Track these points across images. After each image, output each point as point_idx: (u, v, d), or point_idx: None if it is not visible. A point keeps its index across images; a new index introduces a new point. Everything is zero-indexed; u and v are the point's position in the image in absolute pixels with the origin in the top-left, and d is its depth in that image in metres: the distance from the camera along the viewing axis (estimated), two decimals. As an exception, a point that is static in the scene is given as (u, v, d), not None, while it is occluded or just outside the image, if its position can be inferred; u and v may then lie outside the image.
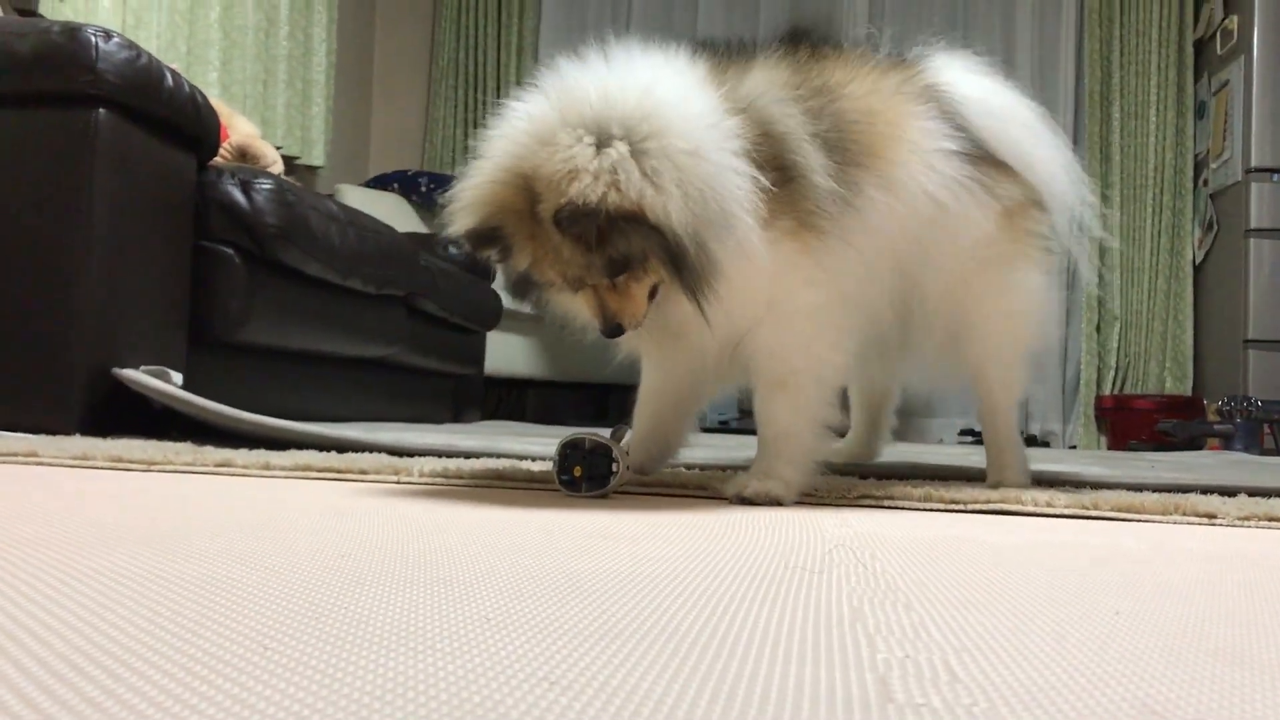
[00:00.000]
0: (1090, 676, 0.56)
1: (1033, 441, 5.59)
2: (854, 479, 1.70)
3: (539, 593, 0.73)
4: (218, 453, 1.76)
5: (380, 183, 5.49)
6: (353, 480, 1.59)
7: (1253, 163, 5.02)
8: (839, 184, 1.43)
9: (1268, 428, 4.60)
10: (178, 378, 2.35)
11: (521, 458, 1.94)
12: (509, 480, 1.58)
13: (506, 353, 5.04)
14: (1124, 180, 5.73)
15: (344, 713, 0.44)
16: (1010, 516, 1.42)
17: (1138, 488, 1.73)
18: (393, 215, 4.48)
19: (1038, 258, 1.74)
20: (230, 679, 0.49)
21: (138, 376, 2.27)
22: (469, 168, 1.38)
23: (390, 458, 1.88)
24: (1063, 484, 1.78)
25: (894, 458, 2.16)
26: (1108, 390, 5.70)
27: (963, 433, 5.39)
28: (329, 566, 0.82)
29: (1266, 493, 1.71)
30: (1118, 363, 5.71)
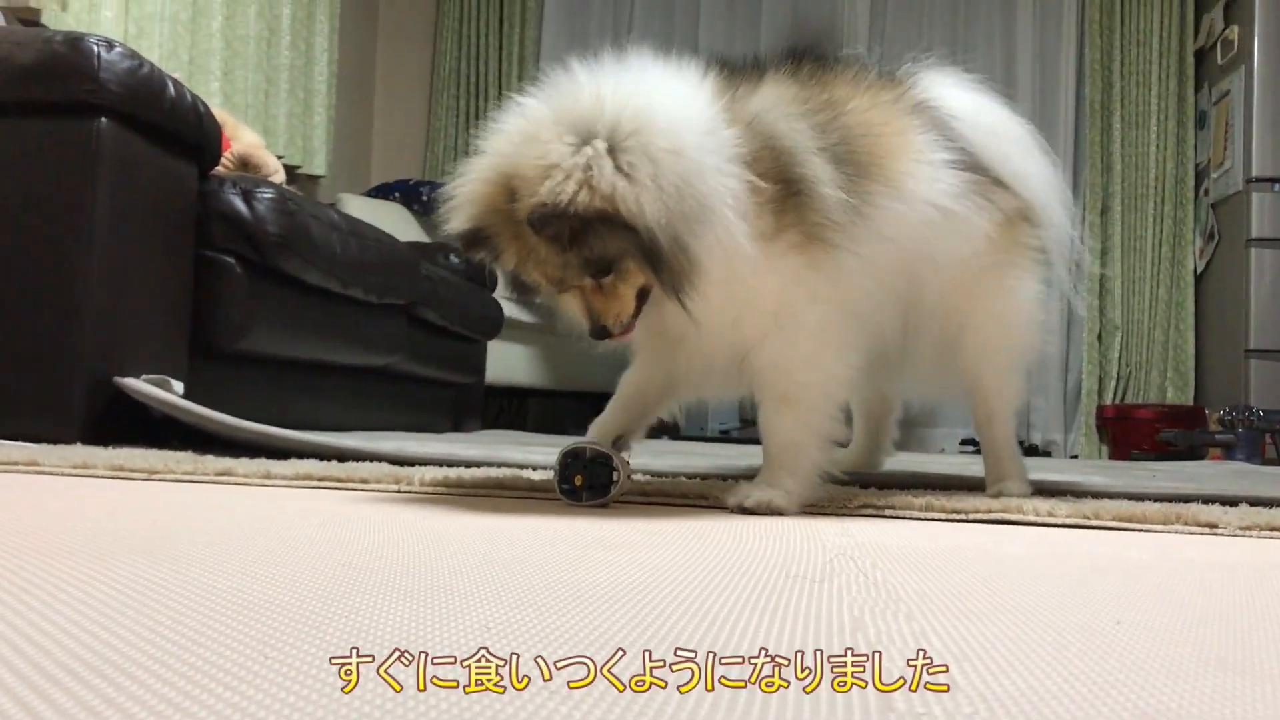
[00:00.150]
0: (1091, 685, 0.56)
1: (1034, 451, 5.59)
2: (855, 488, 1.70)
3: (540, 602, 0.73)
4: (218, 462, 1.76)
5: (382, 192, 5.50)
6: (354, 489, 1.59)
7: (1253, 172, 5.03)
8: (850, 195, 1.42)
9: (1269, 437, 4.60)
10: (179, 386, 2.35)
11: (522, 467, 1.94)
12: (510, 489, 1.58)
13: (507, 362, 5.04)
14: (1125, 190, 5.74)
15: (344, 722, 0.45)
16: (1012, 526, 1.42)
17: (1139, 497, 1.73)
18: (394, 224, 4.48)
19: (1032, 266, 1.75)
20: (231, 688, 0.49)
21: (139, 385, 2.27)
22: (465, 163, 1.39)
23: (391, 467, 1.88)
24: (1064, 493, 1.77)
25: (895, 467, 2.16)
26: (1109, 400, 5.69)
27: (964, 442, 5.39)
28: (330, 575, 0.82)
29: (1268, 502, 1.70)
30: (1119, 372, 5.71)
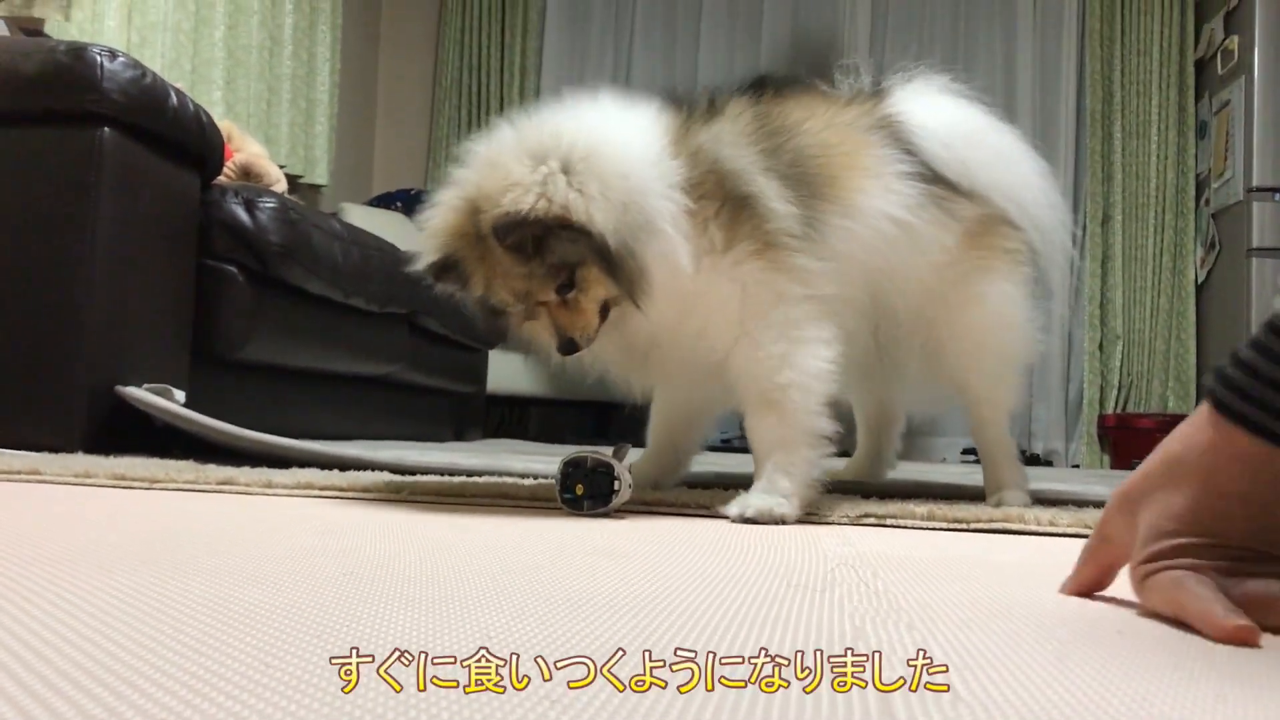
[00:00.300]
0: (1092, 695, 0.55)
1: (1035, 460, 5.59)
2: (857, 498, 1.70)
3: (541, 612, 0.73)
4: (220, 471, 1.76)
5: (383, 201, 5.51)
6: (355, 498, 1.59)
7: (1254, 182, 5.02)
8: (802, 211, 1.50)
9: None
10: (181, 395, 2.35)
11: (524, 476, 1.94)
12: (511, 498, 1.58)
13: (508, 371, 5.04)
14: (1126, 199, 5.74)
15: (346, 731, 0.44)
16: (1013, 535, 1.42)
17: (1140, 506, 1.72)
18: (396, 234, 4.48)
19: (1008, 271, 1.75)
20: (233, 697, 0.49)
21: (141, 394, 2.27)
22: (436, 194, 1.50)
23: (392, 476, 1.88)
24: (1065, 503, 1.77)
25: (897, 476, 2.16)
26: (1110, 409, 5.69)
27: (965, 451, 5.39)
28: (331, 584, 0.82)
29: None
30: (1120, 382, 5.70)
